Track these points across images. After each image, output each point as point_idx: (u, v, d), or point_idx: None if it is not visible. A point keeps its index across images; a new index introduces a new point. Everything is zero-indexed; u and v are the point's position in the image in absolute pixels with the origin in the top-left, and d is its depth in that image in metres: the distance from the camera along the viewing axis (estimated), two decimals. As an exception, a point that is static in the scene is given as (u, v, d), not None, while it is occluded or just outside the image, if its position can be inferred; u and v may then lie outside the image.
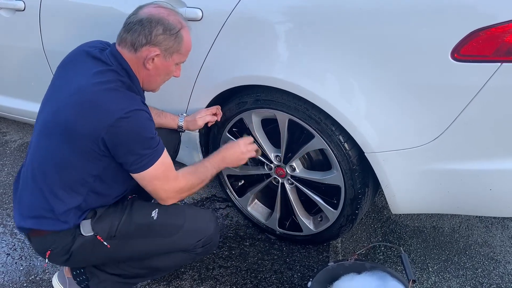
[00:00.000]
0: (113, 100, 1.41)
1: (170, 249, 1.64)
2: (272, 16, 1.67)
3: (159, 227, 1.60)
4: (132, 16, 1.53)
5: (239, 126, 1.97)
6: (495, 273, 1.96)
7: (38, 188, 1.50)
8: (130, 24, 1.51)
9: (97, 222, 1.55)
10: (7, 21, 2.37)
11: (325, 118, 1.66)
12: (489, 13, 1.33)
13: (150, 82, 1.61)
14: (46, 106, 1.54)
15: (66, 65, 1.60)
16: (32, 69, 2.47)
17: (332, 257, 2.05)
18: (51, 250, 1.56)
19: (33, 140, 1.56)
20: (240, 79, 1.79)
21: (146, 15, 1.50)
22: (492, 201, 1.62)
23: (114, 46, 1.56)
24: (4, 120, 3.47)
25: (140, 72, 1.56)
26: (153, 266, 1.70)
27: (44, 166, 1.49)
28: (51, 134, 1.46)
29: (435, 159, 1.57)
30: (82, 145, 1.42)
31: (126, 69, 1.52)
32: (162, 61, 1.55)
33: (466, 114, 1.45)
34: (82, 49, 1.60)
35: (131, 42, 1.51)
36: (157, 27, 1.49)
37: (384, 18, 1.46)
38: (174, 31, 1.52)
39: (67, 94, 1.45)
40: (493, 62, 1.36)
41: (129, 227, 1.58)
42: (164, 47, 1.52)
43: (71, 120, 1.41)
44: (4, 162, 2.90)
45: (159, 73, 1.59)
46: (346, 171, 1.72)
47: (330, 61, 1.58)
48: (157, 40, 1.50)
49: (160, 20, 1.50)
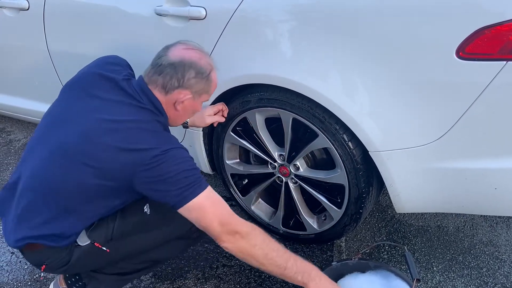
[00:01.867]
0: (151, 139, 1.40)
1: (167, 239, 1.64)
2: (276, 14, 1.66)
3: (154, 220, 1.60)
4: (162, 58, 1.50)
5: (243, 125, 1.97)
6: (500, 272, 1.95)
7: (46, 207, 1.45)
8: (162, 67, 1.49)
9: (93, 231, 1.54)
10: (12, 20, 2.38)
11: (329, 117, 1.65)
12: (494, 11, 1.33)
13: (176, 120, 1.62)
14: (63, 127, 1.46)
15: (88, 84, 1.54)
16: (36, 68, 2.48)
17: (336, 256, 2.05)
18: (46, 264, 1.54)
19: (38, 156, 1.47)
20: (243, 78, 1.79)
21: (178, 59, 1.49)
22: (497, 200, 1.61)
23: (143, 82, 1.52)
24: (8, 119, 3.48)
25: (168, 111, 1.55)
26: (153, 259, 1.70)
27: (58, 188, 1.43)
28: (74, 161, 1.40)
29: (439, 158, 1.56)
30: (110, 180, 1.40)
31: (159, 108, 1.51)
32: (191, 102, 1.56)
33: (471, 113, 1.44)
34: (105, 71, 1.54)
35: (163, 85, 1.49)
36: (189, 71, 1.49)
37: (388, 16, 1.46)
38: (205, 74, 1.53)
39: (99, 125, 1.40)
40: (498, 60, 1.35)
41: (124, 227, 1.57)
42: (195, 89, 1.53)
43: (105, 155, 1.37)
44: (8, 161, 2.91)
45: (186, 113, 1.60)
46: (350, 170, 1.72)
47: (333, 60, 1.58)
48: (189, 84, 1.50)
49: (193, 64, 1.50)
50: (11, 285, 1.95)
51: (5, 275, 2.00)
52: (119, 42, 2.03)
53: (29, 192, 1.48)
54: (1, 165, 2.86)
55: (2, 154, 3.01)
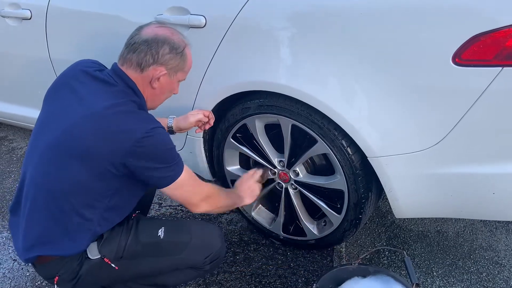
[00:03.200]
0: (131, 121, 1.41)
1: (178, 266, 1.63)
2: (275, 22, 1.68)
3: (166, 245, 1.58)
4: (135, 37, 1.53)
5: (243, 132, 1.99)
6: (500, 277, 1.95)
7: (50, 213, 1.46)
8: (135, 45, 1.51)
9: (104, 245, 1.53)
10: (14, 30, 2.41)
11: (328, 123, 1.67)
12: (490, 18, 1.34)
13: (154, 100, 1.62)
14: (48, 130, 1.48)
15: (62, 86, 1.56)
16: (38, 77, 2.50)
17: (336, 261, 2.06)
18: (59, 275, 1.53)
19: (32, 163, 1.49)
20: (243, 85, 1.81)
21: (151, 35, 1.51)
22: (496, 205, 1.62)
23: (116, 66, 1.55)
24: (10, 128, 3.50)
25: (145, 91, 1.56)
26: (161, 284, 1.69)
27: (55, 190, 1.44)
28: (62, 158, 1.42)
29: (438, 163, 1.57)
30: (100, 167, 1.40)
31: (133, 88, 1.52)
32: (167, 80, 1.57)
33: (468, 118, 1.45)
34: (79, 69, 1.57)
35: (137, 62, 1.51)
36: (163, 47, 1.51)
37: (386, 23, 1.47)
38: (179, 49, 1.55)
39: (79, 117, 1.41)
40: (494, 66, 1.37)
41: (136, 247, 1.56)
42: (170, 66, 1.54)
43: (90, 145, 1.38)
44: (11, 169, 2.93)
45: (163, 92, 1.61)
46: (349, 175, 1.73)
47: (332, 66, 1.59)
48: (164, 60, 1.52)
49: (166, 39, 1.52)
50: (13, 292, 1.96)
51: (7, 282, 2.01)
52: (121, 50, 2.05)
53: (30, 203, 1.48)
54: (4, 173, 2.88)
55: (5, 162, 3.03)
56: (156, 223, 1.64)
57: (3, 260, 2.14)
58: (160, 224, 1.62)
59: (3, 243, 2.24)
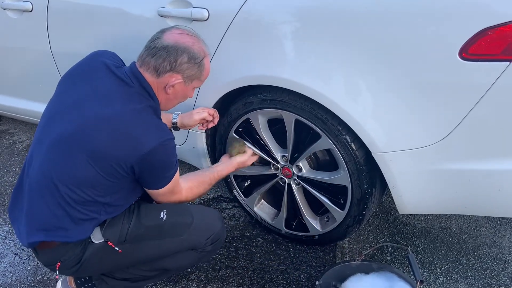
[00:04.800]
0: (147, 130, 1.45)
1: (180, 248, 1.65)
2: (278, 15, 1.66)
3: (169, 227, 1.60)
4: (156, 41, 1.52)
5: (246, 127, 1.97)
6: (504, 274, 1.94)
7: (56, 202, 1.46)
8: (155, 49, 1.51)
9: (107, 228, 1.55)
10: (15, 22, 2.39)
11: (332, 118, 1.65)
12: (497, 12, 1.32)
13: (167, 104, 1.64)
14: (61, 119, 1.49)
15: (80, 76, 1.57)
16: (39, 70, 2.49)
17: (339, 257, 2.05)
18: (61, 261, 1.54)
19: (42, 151, 1.49)
20: (246, 79, 1.79)
21: (172, 42, 1.50)
22: (500, 201, 1.61)
23: (134, 66, 1.55)
24: (12, 121, 3.49)
25: (159, 95, 1.57)
26: (163, 268, 1.71)
27: (62, 180, 1.44)
28: (73, 151, 1.43)
29: (443, 159, 1.56)
30: (108, 166, 1.43)
31: (149, 92, 1.53)
32: (182, 87, 1.58)
33: (474, 114, 1.43)
34: (99, 60, 1.58)
35: (155, 67, 1.51)
36: (182, 56, 1.51)
37: (391, 17, 1.45)
38: (197, 60, 1.54)
39: (95, 115, 1.43)
40: (501, 61, 1.35)
41: (139, 230, 1.58)
42: (187, 74, 1.55)
43: (102, 145, 1.41)
44: (12, 163, 2.92)
45: (177, 97, 1.62)
46: (353, 171, 1.71)
47: (336, 61, 1.57)
48: (181, 68, 1.52)
49: (186, 48, 1.51)
50: (15, 286, 1.95)
51: (8, 276, 2.01)
52: (123, 43, 2.03)
53: (36, 190, 1.49)
54: (5, 166, 2.87)
55: (6, 155, 3.02)
56: (158, 207, 1.65)
57: (4, 254, 2.13)
58: (161, 207, 1.64)
59: (4, 237, 2.23)
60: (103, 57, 1.60)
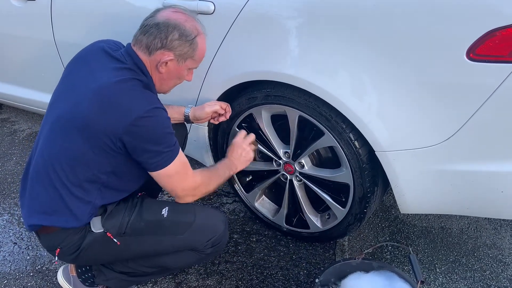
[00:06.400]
0: (133, 99, 1.42)
1: (179, 247, 1.63)
2: (284, 11, 1.65)
3: (169, 224, 1.59)
4: (149, 19, 1.52)
5: (249, 122, 1.96)
6: (503, 275, 1.94)
7: (51, 184, 1.47)
8: (147, 27, 1.51)
9: (107, 219, 1.55)
10: (19, 11, 2.37)
11: (336, 115, 1.64)
12: (505, 13, 1.31)
13: (162, 84, 1.62)
14: (60, 101, 1.51)
15: (80, 60, 1.59)
16: (42, 59, 2.48)
17: (339, 255, 2.04)
18: (60, 247, 1.55)
19: (43, 135, 1.53)
20: (250, 74, 1.78)
21: (164, 19, 1.50)
22: (502, 203, 1.60)
23: (129, 46, 1.56)
24: (13, 110, 3.48)
25: (153, 74, 1.56)
26: (162, 265, 1.69)
27: (58, 161, 1.46)
28: (67, 129, 1.44)
29: (446, 159, 1.55)
30: (99, 141, 1.41)
31: (142, 68, 1.52)
32: (175, 66, 1.56)
33: (480, 115, 1.42)
34: (97, 46, 1.59)
35: (146, 45, 1.51)
36: (173, 32, 1.49)
37: (399, 15, 1.44)
38: (189, 37, 1.52)
39: (85, 90, 1.44)
40: (509, 62, 1.33)
41: (139, 224, 1.57)
42: (179, 52, 1.53)
43: (90, 117, 1.40)
44: (12, 152, 2.92)
45: (171, 77, 1.60)
46: (355, 169, 1.71)
47: (342, 58, 1.56)
48: (172, 45, 1.51)
49: (177, 25, 1.50)
50: (14, 276, 1.95)
51: (7, 265, 2.00)
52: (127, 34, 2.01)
53: (36, 173, 1.51)
54: (6, 155, 2.87)
55: (7, 144, 3.01)
56: (161, 203, 1.65)
57: (3, 243, 2.13)
58: (164, 204, 1.63)
59: (3, 226, 2.23)
60: (103, 42, 1.61)
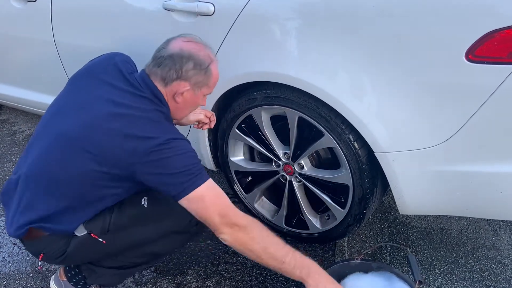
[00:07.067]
0: (153, 129, 1.42)
1: (165, 233, 1.63)
2: (284, 12, 1.65)
3: (151, 213, 1.59)
4: (162, 50, 1.52)
5: (248, 123, 1.97)
6: (503, 276, 1.94)
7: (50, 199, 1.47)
8: (161, 59, 1.50)
9: (89, 221, 1.54)
10: (19, 12, 2.38)
11: (335, 116, 1.65)
12: (504, 15, 1.31)
13: (178, 113, 1.61)
14: (66, 118, 1.49)
15: (92, 75, 1.56)
16: (42, 60, 2.48)
17: (338, 256, 2.05)
18: (43, 253, 1.56)
19: (41, 145, 1.50)
20: (250, 75, 1.78)
21: (177, 50, 1.50)
22: (502, 204, 1.60)
23: (144, 74, 1.54)
24: (13, 111, 3.49)
25: (169, 104, 1.56)
26: (151, 252, 1.69)
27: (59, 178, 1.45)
28: (76, 149, 1.42)
29: (446, 160, 1.55)
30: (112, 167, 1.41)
31: (160, 99, 1.52)
32: (191, 95, 1.56)
33: (479, 116, 1.43)
34: (113, 63, 1.57)
35: (162, 77, 1.50)
36: (188, 63, 1.49)
37: (398, 16, 1.44)
38: (204, 66, 1.52)
39: (103, 115, 1.42)
40: (507, 64, 1.34)
41: (121, 219, 1.57)
42: (194, 81, 1.53)
43: (108, 143, 1.39)
44: (12, 152, 2.92)
45: (186, 106, 1.60)
46: (355, 170, 1.71)
47: (341, 59, 1.57)
48: (188, 75, 1.51)
49: (191, 55, 1.50)
50: (13, 276, 1.95)
51: (7, 266, 2.01)
52: (127, 36, 2.03)
53: (31, 182, 1.49)
54: (5, 156, 2.87)
55: (6, 145, 3.01)
56: (138, 194, 1.62)
57: (3, 244, 2.13)
58: (143, 194, 1.62)
59: (3, 227, 2.23)
60: (118, 61, 1.59)
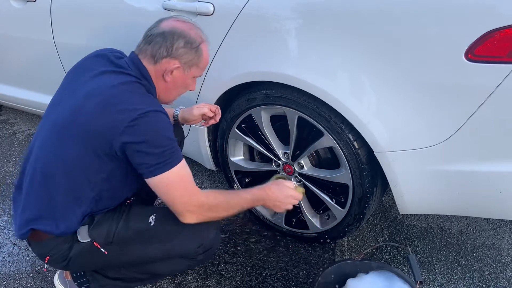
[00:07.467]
0: (132, 99, 1.40)
1: (169, 255, 1.59)
2: (283, 12, 1.65)
3: (156, 232, 1.55)
4: (153, 29, 1.52)
5: (248, 123, 1.97)
6: (502, 276, 1.94)
7: (46, 190, 1.46)
8: (152, 36, 1.51)
9: (94, 228, 1.53)
10: (19, 12, 2.37)
11: (335, 116, 1.65)
12: (504, 14, 1.31)
13: (166, 94, 1.61)
14: (57, 108, 1.50)
15: (81, 67, 1.58)
16: (42, 60, 2.48)
17: (338, 255, 2.05)
18: (49, 256, 1.55)
19: (38, 141, 1.51)
20: (249, 75, 1.78)
21: (169, 28, 1.50)
22: (501, 203, 1.60)
23: (133, 54, 1.55)
24: (12, 111, 3.48)
25: (157, 84, 1.56)
26: (153, 272, 1.67)
27: (52, 168, 1.44)
28: (64, 135, 1.42)
29: (445, 160, 1.55)
30: (96, 144, 1.39)
31: (146, 76, 1.52)
32: (180, 74, 1.55)
33: (478, 115, 1.43)
34: (99, 53, 1.58)
35: (152, 54, 1.51)
36: (178, 40, 1.50)
37: (398, 16, 1.44)
38: (195, 44, 1.53)
39: (84, 94, 1.42)
40: (507, 63, 1.34)
41: (125, 233, 1.54)
42: (184, 60, 1.52)
43: (88, 119, 1.38)
44: (12, 153, 2.91)
45: (176, 86, 1.59)
46: (354, 170, 1.71)
47: (341, 59, 1.57)
48: (178, 53, 1.51)
49: (182, 33, 1.50)
50: (13, 276, 1.95)
51: (7, 266, 2.00)
52: (126, 36, 2.02)
53: (30, 179, 1.50)
54: (5, 156, 2.87)
55: (6, 145, 3.01)
56: (148, 210, 1.61)
57: (3, 244, 2.13)
58: (152, 211, 1.60)
59: (3, 227, 2.23)
60: (106, 50, 1.61)
